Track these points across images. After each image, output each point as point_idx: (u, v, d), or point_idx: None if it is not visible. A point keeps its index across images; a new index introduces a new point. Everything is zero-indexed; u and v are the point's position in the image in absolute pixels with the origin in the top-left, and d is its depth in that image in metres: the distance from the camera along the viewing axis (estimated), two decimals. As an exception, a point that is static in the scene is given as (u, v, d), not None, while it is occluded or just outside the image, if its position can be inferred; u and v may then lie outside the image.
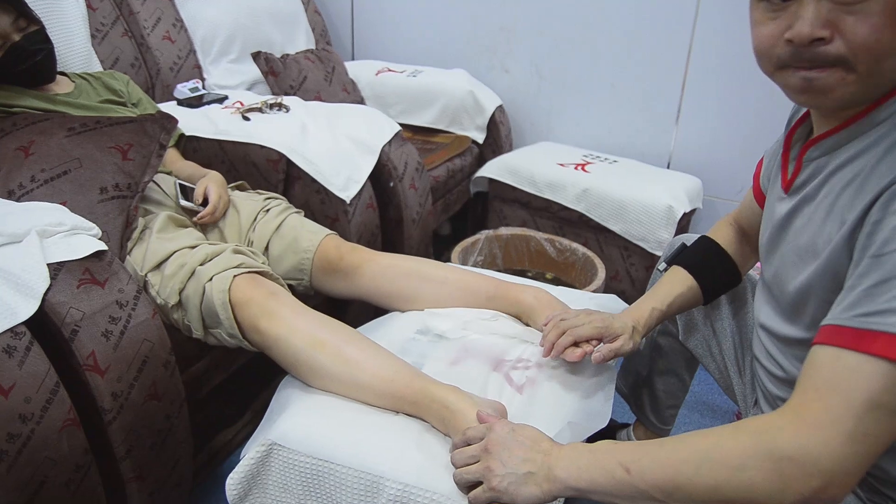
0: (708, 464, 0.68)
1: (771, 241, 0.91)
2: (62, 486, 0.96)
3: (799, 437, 0.64)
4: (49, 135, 1.29)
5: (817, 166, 0.81)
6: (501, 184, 2.29)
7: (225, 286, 1.16)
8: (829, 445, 0.62)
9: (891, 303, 0.62)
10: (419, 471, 0.91)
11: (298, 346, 1.09)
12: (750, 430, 0.69)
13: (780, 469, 0.64)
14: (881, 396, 0.62)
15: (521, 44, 2.59)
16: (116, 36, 1.96)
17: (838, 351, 0.65)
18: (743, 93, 2.23)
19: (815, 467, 0.63)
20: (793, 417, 0.66)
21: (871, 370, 0.62)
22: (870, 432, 0.62)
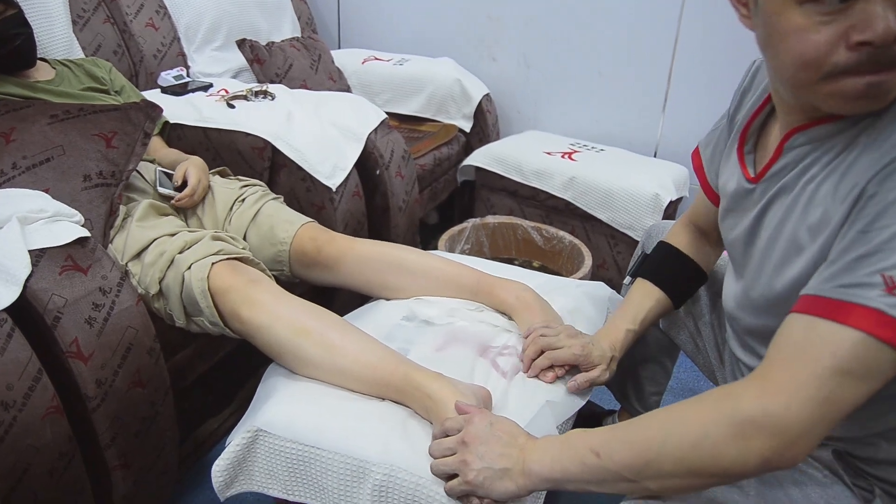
0: (673, 436, 0.69)
1: (745, 238, 0.88)
2: (46, 473, 0.95)
3: (761, 400, 0.65)
4: (31, 122, 1.27)
5: (798, 154, 0.78)
6: (488, 172, 2.29)
7: (203, 274, 1.14)
8: (791, 407, 0.63)
9: (871, 277, 0.62)
10: (405, 456, 0.91)
11: (281, 333, 1.07)
12: (712, 398, 0.70)
13: (742, 432, 0.65)
14: (848, 363, 0.62)
15: (509, 32, 2.58)
16: (98, 22, 1.94)
17: (812, 319, 0.65)
18: (729, 82, 2.21)
19: (777, 428, 0.63)
20: (756, 383, 0.67)
21: (841, 338, 0.63)
22: (832, 397, 0.63)
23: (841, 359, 0.62)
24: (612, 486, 0.74)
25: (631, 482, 0.72)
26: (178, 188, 1.46)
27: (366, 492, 0.92)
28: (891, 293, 0.61)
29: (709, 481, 0.69)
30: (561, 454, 0.78)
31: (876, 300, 0.62)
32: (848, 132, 0.72)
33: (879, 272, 0.62)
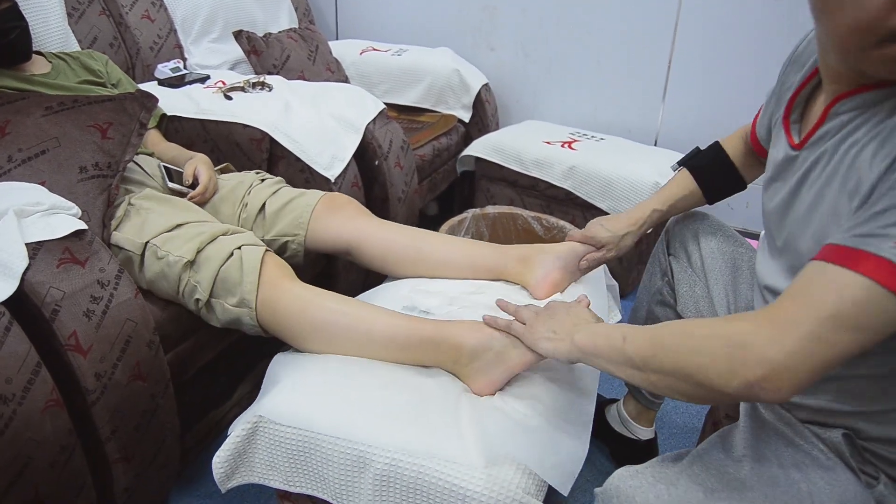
0: (681, 339, 0.74)
1: (784, 205, 0.88)
2: (47, 467, 0.95)
3: (756, 330, 0.67)
4: (25, 114, 1.26)
5: (843, 121, 0.79)
6: (488, 162, 2.28)
7: (259, 254, 1.18)
8: (781, 340, 0.65)
9: (887, 229, 0.64)
10: (407, 443, 0.91)
11: (317, 315, 1.12)
12: (720, 322, 0.73)
13: (732, 354, 0.67)
14: (847, 309, 0.64)
15: (506, 21, 2.57)
16: (94, 14, 1.92)
17: (825, 265, 0.67)
18: (729, 69, 2.22)
19: (763, 356, 0.65)
20: (761, 314, 0.69)
21: (846, 282, 0.64)
22: (823, 338, 0.64)
23: (842, 302, 0.64)
24: (624, 371, 0.81)
25: (639, 370, 0.78)
26: (190, 186, 1.46)
27: (367, 481, 0.92)
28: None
29: (696, 390, 0.72)
30: (599, 332, 0.88)
31: (887, 251, 0.63)
32: (892, 98, 0.73)
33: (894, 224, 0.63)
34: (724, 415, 1.17)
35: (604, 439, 1.49)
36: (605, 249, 1.27)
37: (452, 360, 1.06)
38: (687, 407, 1.73)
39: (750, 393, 0.67)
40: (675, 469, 0.80)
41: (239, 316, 1.17)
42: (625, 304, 1.81)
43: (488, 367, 1.03)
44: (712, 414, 1.26)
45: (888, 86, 0.74)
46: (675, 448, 1.56)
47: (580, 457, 0.95)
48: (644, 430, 1.42)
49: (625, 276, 2.12)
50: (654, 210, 1.24)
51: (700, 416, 1.68)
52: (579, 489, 1.37)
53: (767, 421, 0.88)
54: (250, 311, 1.16)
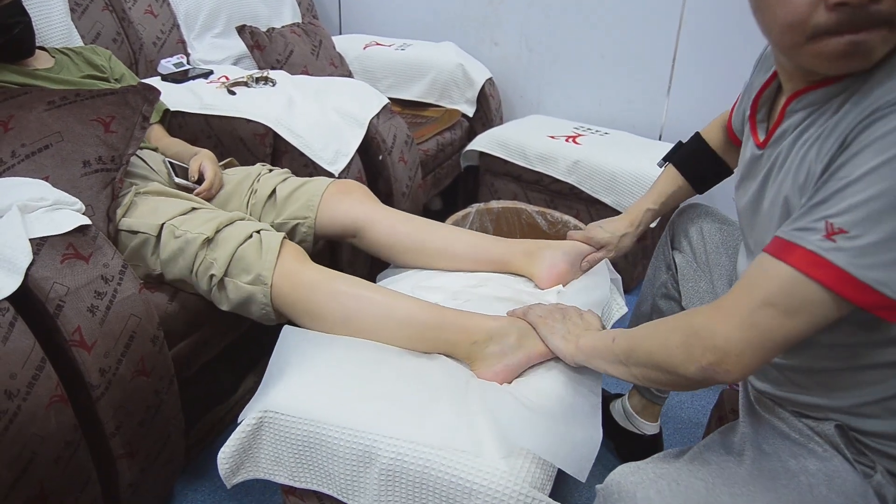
0: (652, 334, 0.83)
1: (752, 205, 0.90)
2: (51, 462, 0.95)
3: (708, 318, 0.74)
4: (28, 109, 1.26)
5: (797, 119, 0.81)
6: (492, 157, 2.27)
7: (278, 238, 1.20)
8: (725, 328, 0.71)
9: (817, 223, 0.67)
10: (415, 434, 0.91)
11: (336, 289, 1.14)
12: (682, 315, 0.80)
13: (689, 342, 0.75)
14: (777, 296, 0.69)
15: (510, 16, 2.56)
16: (97, 10, 1.92)
17: (765, 256, 0.72)
18: (734, 63, 2.20)
19: (712, 343, 0.72)
20: (712, 306, 0.75)
21: (777, 273, 0.69)
22: (758, 324, 0.69)
23: (771, 291, 0.69)
24: (614, 368, 0.89)
25: (624, 365, 0.87)
26: (196, 182, 1.47)
27: (373, 476, 0.91)
28: (828, 238, 0.66)
29: (666, 377, 0.80)
30: (598, 336, 0.97)
31: (813, 243, 0.67)
32: (841, 95, 0.75)
33: (824, 218, 0.67)
34: (729, 409, 1.17)
35: (609, 434, 1.49)
36: (605, 250, 1.32)
37: (471, 342, 1.06)
38: (692, 402, 1.72)
39: (706, 376, 0.74)
40: (677, 465, 0.80)
41: (252, 294, 1.17)
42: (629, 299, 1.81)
43: (506, 351, 1.04)
44: (718, 408, 1.26)
45: (834, 82, 0.75)
46: (680, 443, 1.56)
47: (596, 442, 0.94)
48: (649, 426, 1.42)
49: (629, 271, 2.12)
50: (647, 209, 1.29)
51: (706, 410, 1.68)
52: (583, 485, 1.37)
53: (764, 417, 0.88)
54: (265, 288, 1.16)
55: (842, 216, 0.65)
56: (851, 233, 0.65)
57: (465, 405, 0.96)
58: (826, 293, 0.66)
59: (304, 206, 1.41)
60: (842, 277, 0.65)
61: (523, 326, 1.08)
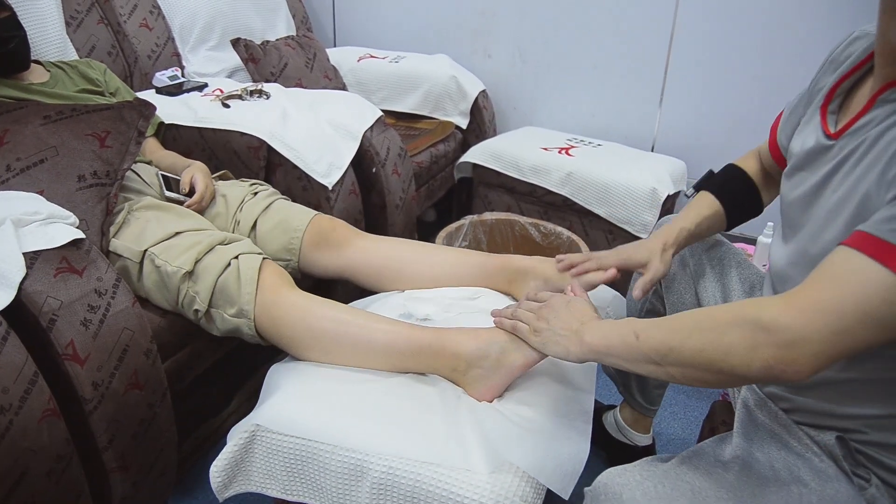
0: (698, 329, 0.74)
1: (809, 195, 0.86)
2: (44, 476, 0.95)
3: (781, 313, 0.67)
4: (24, 123, 1.26)
5: (888, 110, 0.76)
6: (486, 169, 2.28)
7: (256, 264, 1.19)
8: (805, 326, 0.65)
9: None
10: (405, 450, 0.91)
11: (316, 324, 1.12)
12: (743, 304, 0.73)
13: (755, 336, 0.68)
14: (875, 304, 0.63)
15: (503, 28, 2.58)
16: (92, 23, 1.93)
17: (856, 253, 0.66)
18: (726, 75, 2.23)
19: (785, 341, 0.66)
20: (784, 298, 0.69)
21: (874, 277, 0.63)
22: (848, 331, 0.64)
23: (869, 297, 0.63)
24: (642, 367, 0.81)
25: (657, 365, 0.78)
26: (187, 194, 1.47)
27: (365, 490, 0.92)
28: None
29: (718, 377, 0.73)
30: (611, 331, 0.87)
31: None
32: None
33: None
34: (720, 421, 1.17)
35: (601, 445, 1.50)
36: (652, 269, 1.12)
37: (451, 368, 1.06)
38: (685, 414, 1.73)
39: (770, 374, 0.68)
40: (663, 468, 0.81)
41: (238, 326, 1.18)
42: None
43: (488, 373, 1.03)
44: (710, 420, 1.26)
45: None
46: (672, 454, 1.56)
47: (581, 459, 0.94)
48: (641, 437, 1.42)
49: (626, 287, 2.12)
50: (682, 228, 1.13)
51: (698, 422, 1.68)
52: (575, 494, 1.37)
53: (762, 424, 0.88)
54: (248, 322, 1.16)
55: None
56: None
57: (456, 421, 0.96)
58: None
59: (284, 248, 1.41)
60: None
61: (503, 341, 1.04)
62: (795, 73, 2.07)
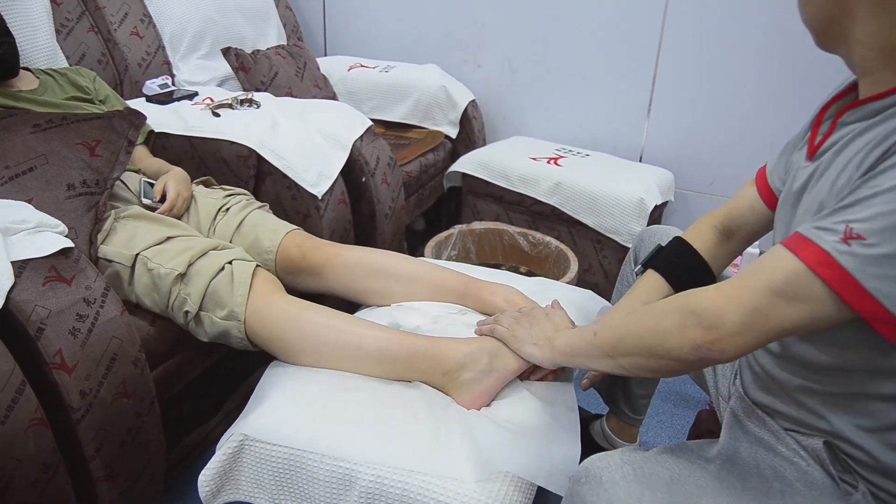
0: (642, 319, 0.82)
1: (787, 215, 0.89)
2: (29, 485, 0.95)
3: (708, 299, 0.75)
4: (13, 131, 1.26)
5: (847, 131, 0.79)
6: (475, 178, 2.29)
7: (250, 269, 1.19)
8: (725, 308, 0.73)
9: (837, 225, 0.68)
10: (394, 459, 0.92)
11: (307, 329, 1.13)
12: (677, 297, 0.80)
13: (684, 320, 0.75)
14: (779, 285, 0.70)
15: (493, 38, 2.60)
16: (82, 31, 1.93)
17: (779, 247, 0.73)
18: (714, 86, 2.25)
19: (708, 321, 0.73)
20: (714, 287, 0.76)
21: (787, 265, 0.70)
22: (760, 310, 0.71)
23: (776, 279, 0.70)
24: (600, 363, 0.88)
25: (610, 357, 0.86)
26: (160, 200, 1.46)
27: (353, 499, 0.92)
28: (844, 241, 0.67)
29: (659, 362, 0.80)
30: (575, 334, 0.96)
31: (829, 243, 0.68)
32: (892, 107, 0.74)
33: (846, 222, 0.67)
34: (706, 429, 1.18)
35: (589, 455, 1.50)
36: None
37: (442, 372, 1.06)
38: (671, 422, 1.74)
39: (700, 355, 0.75)
40: (644, 455, 0.83)
41: (227, 329, 1.18)
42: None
43: (479, 377, 1.04)
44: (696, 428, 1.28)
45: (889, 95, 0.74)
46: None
47: (574, 458, 0.96)
48: (628, 446, 1.43)
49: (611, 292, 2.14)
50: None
51: (685, 430, 1.69)
52: None
53: (751, 431, 0.89)
54: (239, 324, 1.16)
55: (863, 223, 0.66)
56: (868, 240, 0.65)
57: (445, 429, 0.97)
58: (827, 292, 0.68)
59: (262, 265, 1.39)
60: (846, 280, 0.66)
61: (493, 347, 1.07)
62: (784, 83, 2.10)
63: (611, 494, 0.76)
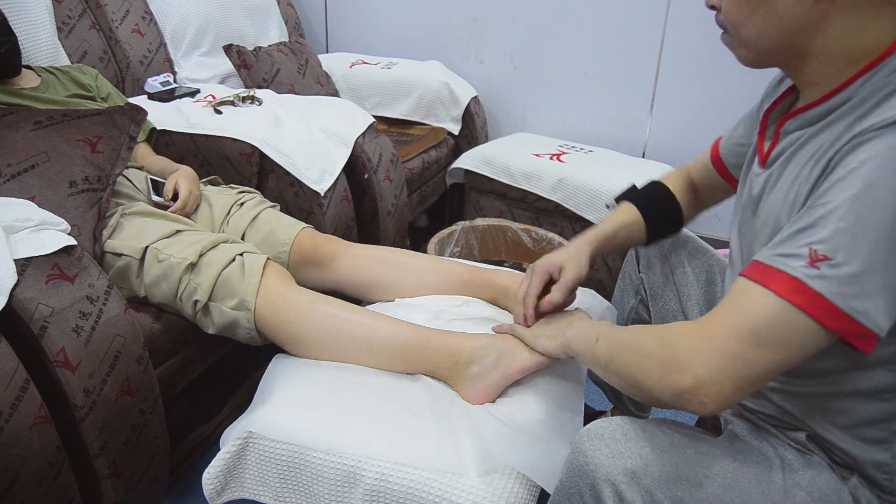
0: (630, 349, 0.79)
1: (744, 218, 0.90)
2: (34, 483, 0.95)
3: (690, 342, 0.71)
4: (14, 129, 1.26)
5: (791, 140, 0.80)
6: (477, 175, 2.29)
7: (261, 261, 1.20)
8: (707, 355, 0.69)
9: (801, 248, 0.67)
10: (398, 455, 0.91)
11: (319, 321, 1.13)
12: (665, 330, 0.77)
13: (667, 364, 0.72)
14: (761, 327, 0.67)
15: (495, 34, 2.59)
16: (84, 29, 1.93)
17: (747, 282, 0.71)
18: (716, 81, 2.24)
19: (691, 369, 0.69)
20: (692, 327, 0.73)
21: (762, 301, 0.68)
22: (740, 355, 0.68)
23: (756, 319, 0.68)
24: (597, 369, 0.87)
25: (604, 370, 0.84)
26: (171, 199, 1.46)
27: (357, 496, 0.92)
28: (812, 265, 0.65)
29: (643, 395, 0.78)
30: (583, 330, 0.93)
31: (797, 269, 0.66)
32: (829, 115, 0.75)
33: (808, 245, 0.66)
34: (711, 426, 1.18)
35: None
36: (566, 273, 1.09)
37: (451, 363, 1.07)
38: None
39: (679, 402, 0.71)
40: (645, 422, 0.83)
41: (236, 319, 1.18)
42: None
43: (486, 371, 1.04)
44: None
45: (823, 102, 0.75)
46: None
47: None
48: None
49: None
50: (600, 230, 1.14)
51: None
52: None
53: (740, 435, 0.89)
54: (248, 314, 1.16)
55: (825, 243, 0.65)
56: (835, 260, 0.64)
57: (449, 425, 0.97)
58: (811, 322, 0.66)
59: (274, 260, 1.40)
60: (826, 307, 0.65)
61: (503, 344, 1.07)
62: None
63: (613, 449, 0.77)
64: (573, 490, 0.79)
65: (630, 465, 0.75)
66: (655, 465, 0.75)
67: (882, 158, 0.64)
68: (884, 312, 0.65)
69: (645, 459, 0.76)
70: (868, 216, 0.64)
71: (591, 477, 0.76)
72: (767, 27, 0.76)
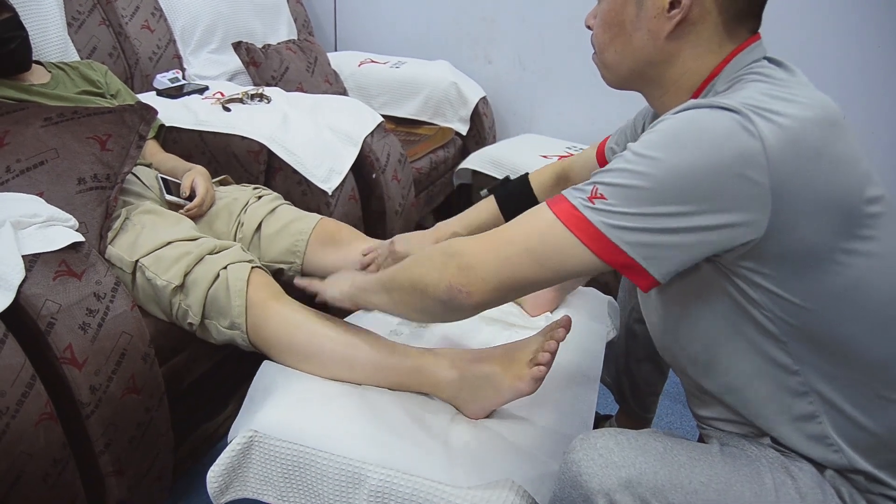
0: (419, 257, 0.88)
1: None
2: (39, 480, 0.95)
3: (469, 245, 0.82)
4: (25, 125, 1.26)
5: None
6: (485, 176, 2.28)
7: (244, 274, 1.18)
8: (479, 254, 0.80)
9: (588, 185, 0.75)
10: (403, 458, 0.91)
11: (304, 339, 1.12)
12: (453, 240, 0.86)
13: (445, 262, 0.82)
14: (533, 238, 0.77)
15: (504, 34, 2.58)
16: (93, 24, 1.93)
17: (542, 206, 0.79)
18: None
19: (463, 264, 0.80)
20: (483, 235, 0.82)
21: (541, 217, 0.77)
22: (510, 259, 0.77)
23: (531, 230, 0.77)
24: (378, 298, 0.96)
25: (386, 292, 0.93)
26: (187, 198, 1.46)
27: (362, 496, 0.92)
28: (590, 200, 0.74)
29: (420, 300, 0.86)
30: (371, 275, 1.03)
31: (577, 199, 0.75)
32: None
33: (594, 183, 0.74)
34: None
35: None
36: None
37: (434, 392, 1.06)
38: (681, 423, 1.73)
39: (451, 296, 0.81)
40: (637, 431, 0.83)
41: (233, 337, 1.18)
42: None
43: (472, 397, 1.02)
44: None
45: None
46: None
47: None
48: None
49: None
50: (454, 233, 1.27)
51: (694, 432, 1.68)
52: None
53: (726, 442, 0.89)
54: (242, 334, 1.16)
55: (605, 186, 0.73)
56: (609, 201, 0.72)
57: (450, 437, 0.97)
58: (576, 242, 0.74)
59: (288, 250, 1.41)
60: (590, 231, 0.73)
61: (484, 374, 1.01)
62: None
63: (606, 458, 0.77)
64: (567, 502, 0.79)
65: (624, 474, 0.75)
66: (649, 474, 0.76)
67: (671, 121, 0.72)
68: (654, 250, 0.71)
69: (638, 468, 0.76)
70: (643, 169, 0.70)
71: (584, 488, 0.76)
72: (623, 56, 0.87)
